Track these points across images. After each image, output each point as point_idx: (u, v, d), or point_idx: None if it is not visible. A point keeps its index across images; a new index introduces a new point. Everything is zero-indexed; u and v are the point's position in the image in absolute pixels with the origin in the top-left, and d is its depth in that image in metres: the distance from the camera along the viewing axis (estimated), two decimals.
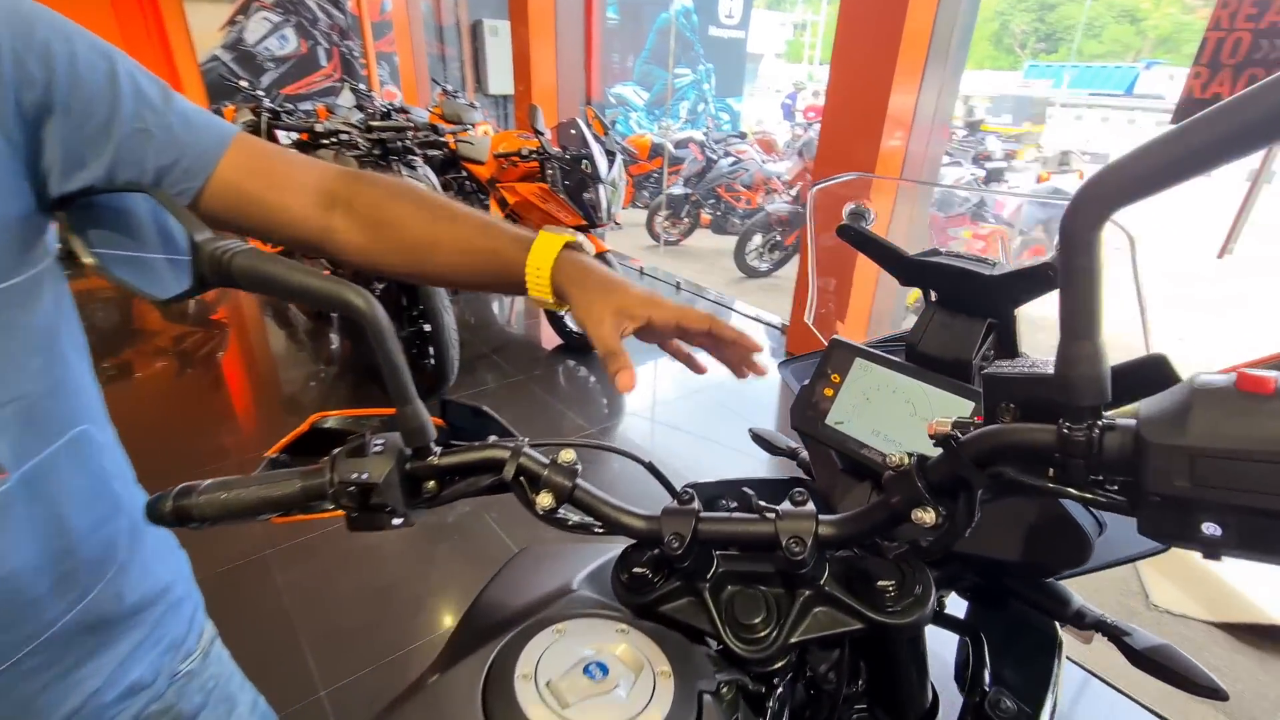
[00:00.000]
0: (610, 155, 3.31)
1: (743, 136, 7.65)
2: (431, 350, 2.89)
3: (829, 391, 0.70)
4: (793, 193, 6.16)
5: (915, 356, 0.68)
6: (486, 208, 3.62)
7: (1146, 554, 0.57)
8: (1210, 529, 0.33)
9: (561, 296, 0.60)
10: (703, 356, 0.70)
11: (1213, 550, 0.33)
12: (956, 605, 0.70)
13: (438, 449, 0.52)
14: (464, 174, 3.78)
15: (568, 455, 0.50)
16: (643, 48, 9.73)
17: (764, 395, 3.42)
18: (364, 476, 0.48)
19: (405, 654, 1.77)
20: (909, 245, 0.70)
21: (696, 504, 0.51)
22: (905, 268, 0.69)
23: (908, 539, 0.52)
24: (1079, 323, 0.36)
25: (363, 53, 6.41)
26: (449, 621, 1.93)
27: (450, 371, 2.88)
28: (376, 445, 0.51)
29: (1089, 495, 0.41)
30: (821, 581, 0.51)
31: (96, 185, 0.51)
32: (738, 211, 6.66)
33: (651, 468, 0.62)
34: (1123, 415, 0.38)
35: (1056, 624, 0.65)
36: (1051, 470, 0.40)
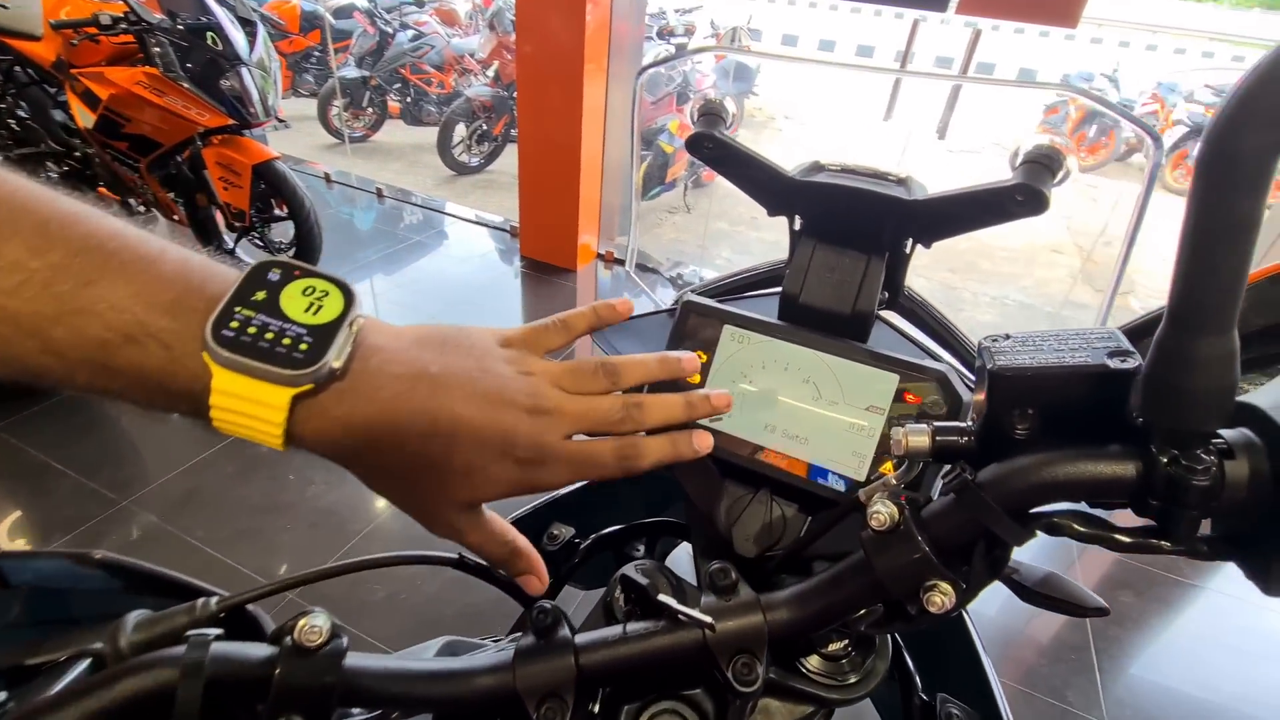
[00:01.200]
0: (248, 24, 2.46)
1: (420, 4, 6.59)
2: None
3: (694, 379, 0.49)
4: (490, 73, 5.55)
5: (796, 312, 0.51)
6: (66, 107, 2.48)
7: None
8: None
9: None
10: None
11: None
12: None
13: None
14: (10, 58, 2.50)
15: (310, 629, 0.31)
16: None
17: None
18: None
19: None
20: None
21: (565, 628, 0.36)
22: (780, 191, 0.49)
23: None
24: (1213, 304, 0.24)
25: None
26: None
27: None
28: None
29: (1193, 552, 0.28)
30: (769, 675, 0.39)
31: None
32: (431, 98, 5.83)
33: (466, 565, 0.41)
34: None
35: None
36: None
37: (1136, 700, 1.61)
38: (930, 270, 4.28)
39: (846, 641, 0.41)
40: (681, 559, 0.69)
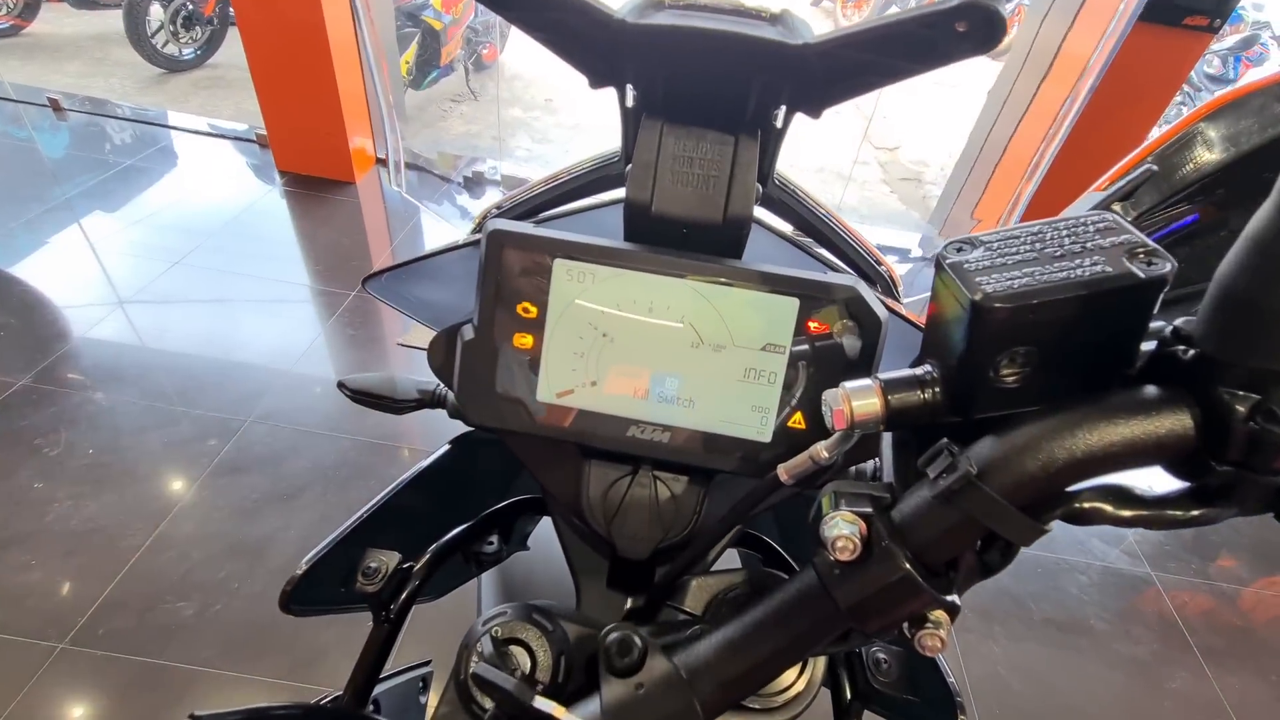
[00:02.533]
0: None
1: None
2: None
3: (524, 339, 0.35)
4: None
5: (647, 227, 0.37)
6: None
7: None
8: None
9: None
10: None
11: None
12: None
13: None
14: None
15: None
16: None
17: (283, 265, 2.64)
18: None
19: None
20: None
21: None
22: (605, 44, 0.33)
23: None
24: None
25: None
26: None
27: None
28: None
29: (1246, 511, 0.22)
30: None
31: None
32: None
33: None
34: None
35: None
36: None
37: None
38: None
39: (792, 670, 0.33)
40: (549, 537, 0.57)
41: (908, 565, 0.22)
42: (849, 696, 0.42)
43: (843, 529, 0.22)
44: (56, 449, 1.68)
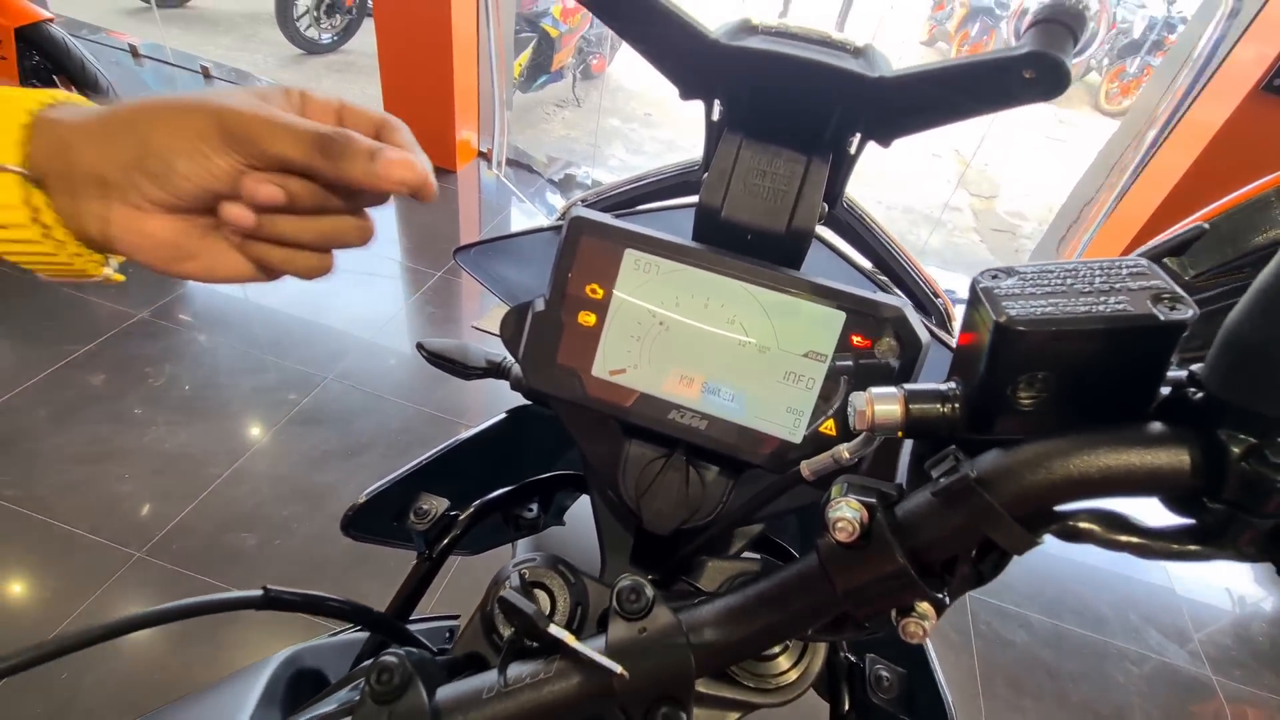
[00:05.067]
0: None
1: None
2: None
3: (588, 318, 0.39)
4: None
5: (717, 230, 0.40)
6: None
7: None
8: None
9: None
10: None
11: None
12: None
13: None
14: None
15: None
16: None
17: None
18: None
19: None
20: None
21: (418, 690, 0.28)
22: (699, 61, 0.36)
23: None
24: None
25: None
26: None
27: None
28: None
29: (1238, 555, 0.22)
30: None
31: None
32: None
33: (278, 602, 0.39)
34: None
35: None
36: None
37: None
38: None
39: (780, 649, 0.35)
40: (584, 516, 0.61)
41: (903, 559, 0.24)
42: (846, 707, 0.43)
43: (845, 512, 0.24)
44: (160, 379, 1.86)
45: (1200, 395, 0.21)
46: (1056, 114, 6.75)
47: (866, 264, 0.47)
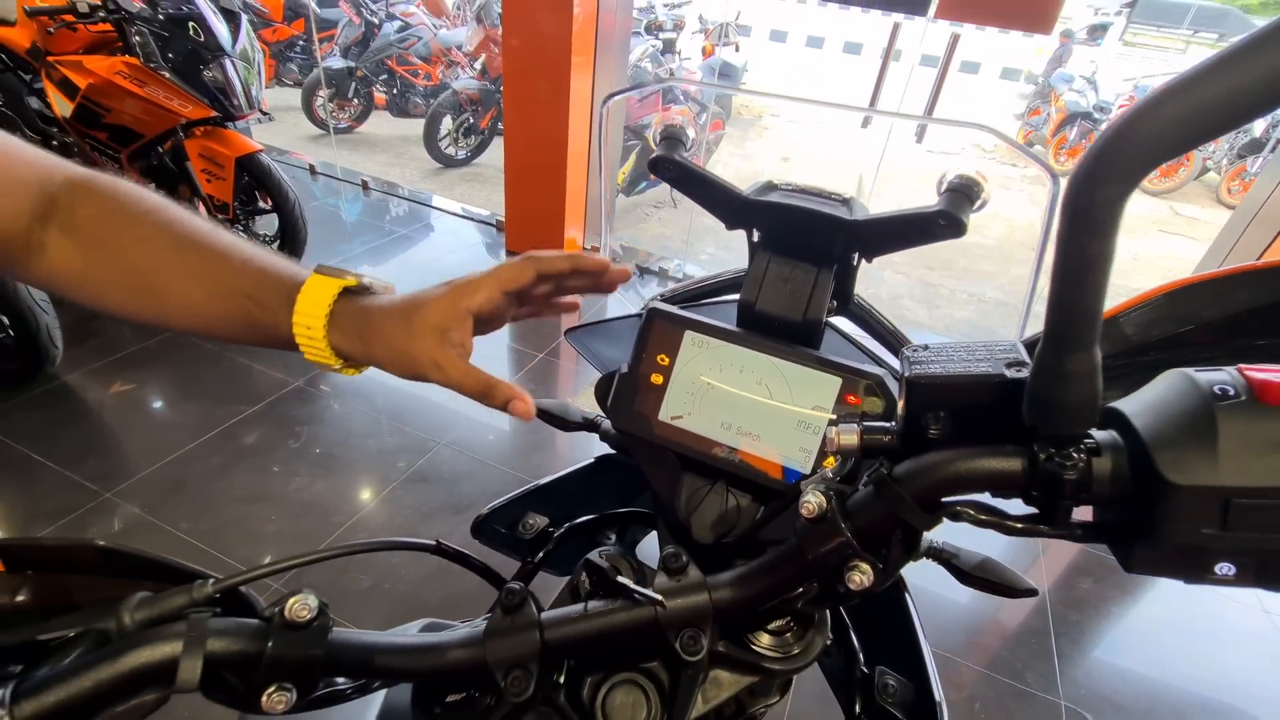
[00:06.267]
0: (230, 16, 2.45)
1: None
2: (8, 323, 1.97)
3: (657, 378, 0.53)
4: (478, 65, 5.53)
5: (752, 319, 0.55)
6: (43, 96, 2.45)
7: None
8: (1224, 569, 0.28)
9: (349, 358, 0.49)
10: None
11: (1213, 582, 0.29)
12: None
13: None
14: None
15: (300, 606, 0.36)
16: None
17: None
18: None
19: None
20: None
21: (531, 606, 0.40)
22: (736, 208, 0.53)
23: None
24: (1077, 328, 0.28)
25: None
26: None
27: (49, 350, 2.03)
28: None
29: (1069, 535, 0.32)
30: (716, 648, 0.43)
31: None
32: (418, 90, 5.80)
33: (444, 551, 0.45)
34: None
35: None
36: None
37: (1092, 682, 1.69)
38: (909, 267, 4.36)
39: (789, 618, 0.46)
40: (650, 548, 0.73)
41: (848, 533, 0.36)
42: (858, 710, 0.52)
43: (810, 498, 0.36)
44: (301, 439, 2.17)
45: (1028, 423, 0.33)
46: (1173, 207, 6.48)
47: (879, 348, 0.60)
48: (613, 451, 0.73)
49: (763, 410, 0.51)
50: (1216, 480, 0.26)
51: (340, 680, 0.41)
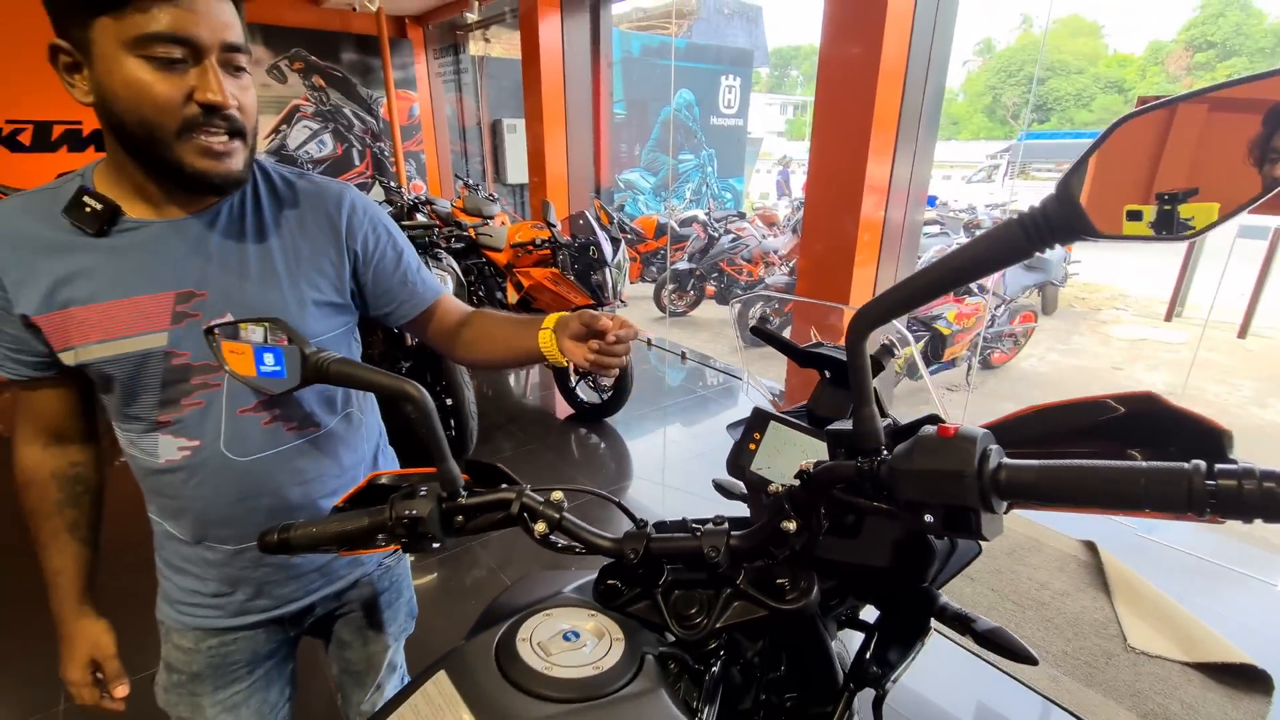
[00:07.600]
0: (615, 242, 3.66)
1: (741, 215, 8.11)
2: (453, 421, 3.16)
3: (752, 446, 0.93)
4: (790, 265, 6.50)
5: (814, 419, 0.92)
6: (504, 290, 3.97)
7: (968, 560, 0.77)
8: (929, 518, 0.49)
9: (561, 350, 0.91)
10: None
11: (935, 530, 0.49)
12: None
13: (465, 494, 0.68)
14: (484, 260, 4.16)
15: (556, 496, 0.68)
16: (649, 137, 10.44)
17: None
18: (414, 513, 0.64)
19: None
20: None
21: (650, 529, 0.66)
22: (802, 356, 0.94)
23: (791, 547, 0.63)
24: (860, 395, 0.56)
25: (393, 153, 7.01)
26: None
27: (469, 440, 3.14)
28: (422, 492, 0.67)
29: (876, 505, 0.56)
30: (739, 583, 0.64)
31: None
32: (740, 284, 7.02)
33: (619, 505, 0.84)
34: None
35: (932, 619, 0.85)
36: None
37: None
38: None
39: (787, 580, 0.73)
40: None
41: (786, 502, 0.70)
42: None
43: (774, 488, 0.72)
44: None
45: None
46: None
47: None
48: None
49: (800, 459, 0.86)
50: (910, 466, 0.48)
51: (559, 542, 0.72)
